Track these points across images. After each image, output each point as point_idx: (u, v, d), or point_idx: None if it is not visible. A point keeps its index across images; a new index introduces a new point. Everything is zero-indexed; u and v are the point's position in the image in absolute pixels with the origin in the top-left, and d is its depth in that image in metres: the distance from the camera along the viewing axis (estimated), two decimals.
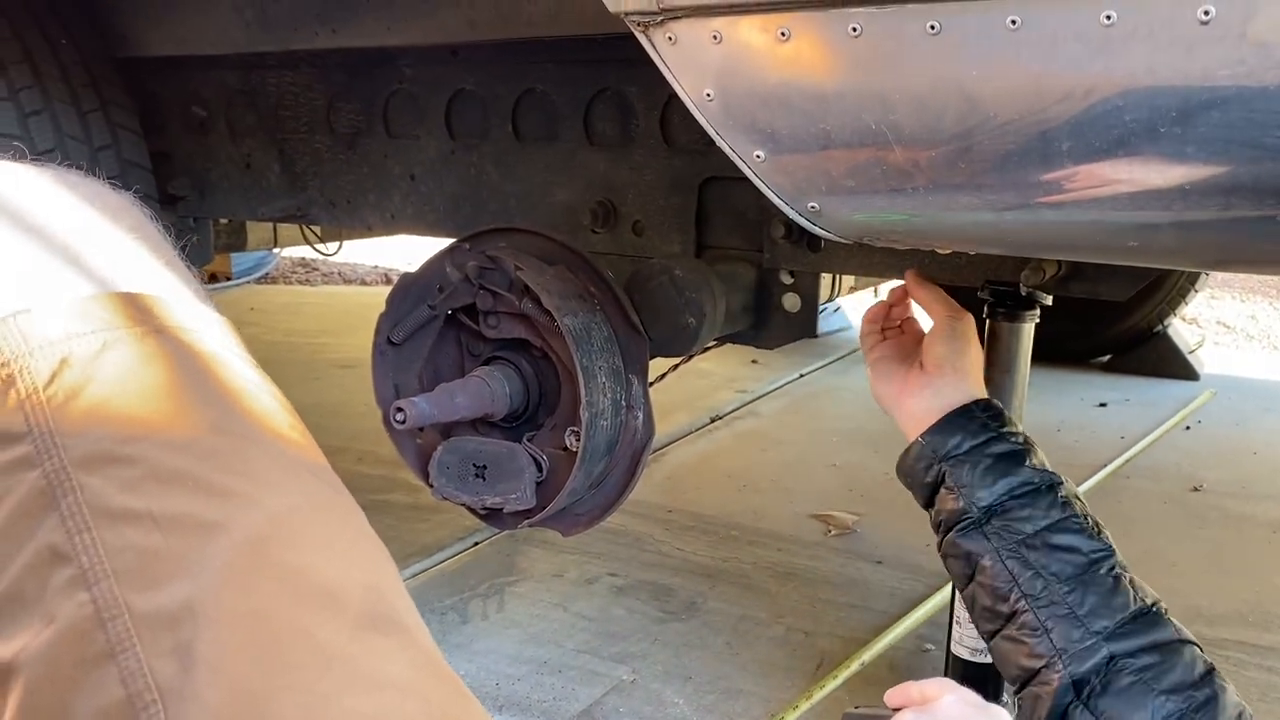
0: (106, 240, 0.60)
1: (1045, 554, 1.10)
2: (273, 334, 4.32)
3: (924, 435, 1.19)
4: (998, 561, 1.11)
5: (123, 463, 0.51)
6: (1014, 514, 1.13)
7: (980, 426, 1.17)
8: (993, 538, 1.13)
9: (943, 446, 1.17)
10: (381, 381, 1.48)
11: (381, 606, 0.53)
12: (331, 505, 0.57)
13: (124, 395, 0.53)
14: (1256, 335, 5.01)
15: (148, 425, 0.52)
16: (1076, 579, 1.09)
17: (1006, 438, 1.17)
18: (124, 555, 0.49)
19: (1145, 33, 0.71)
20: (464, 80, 1.72)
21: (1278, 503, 2.52)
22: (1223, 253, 0.81)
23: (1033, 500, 1.13)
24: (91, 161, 1.81)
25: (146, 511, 0.50)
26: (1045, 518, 1.12)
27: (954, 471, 1.16)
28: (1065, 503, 1.14)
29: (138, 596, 0.48)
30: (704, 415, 3.15)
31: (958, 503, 1.15)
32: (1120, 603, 1.08)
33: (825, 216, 0.95)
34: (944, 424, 1.18)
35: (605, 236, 1.63)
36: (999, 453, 1.16)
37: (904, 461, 1.23)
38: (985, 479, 1.14)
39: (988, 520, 1.13)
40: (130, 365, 0.54)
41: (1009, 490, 1.14)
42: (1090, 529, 1.13)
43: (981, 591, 1.15)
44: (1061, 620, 1.08)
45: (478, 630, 1.82)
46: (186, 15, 1.80)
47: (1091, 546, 1.12)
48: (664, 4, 0.86)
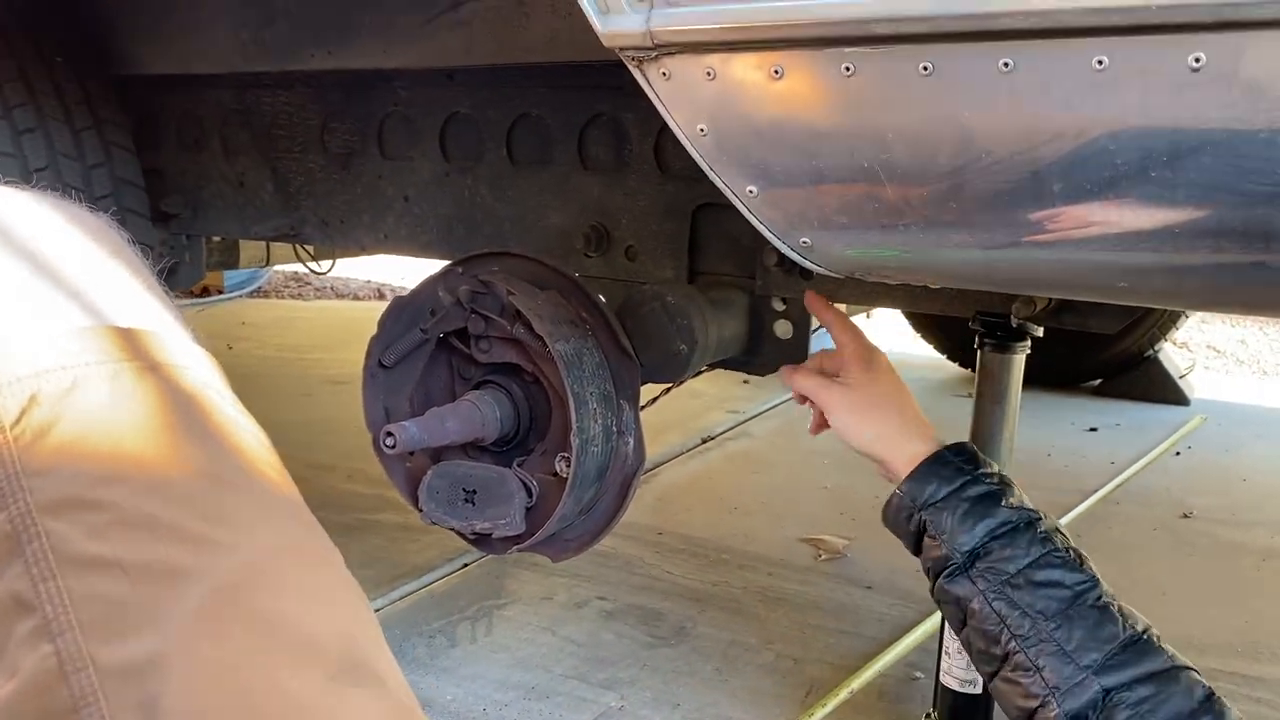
0: (88, 268, 0.57)
1: (1030, 592, 1.11)
2: (264, 349, 4.31)
3: (900, 486, 1.21)
4: (985, 604, 1.12)
5: (91, 507, 0.49)
6: (996, 555, 1.14)
7: (955, 471, 1.19)
8: (978, 580, 1.14)
9: (920, 495, 1.19)
10: (372, 404, 1.48)
11: (357, 655, 0.51)
12: (308, 549, 0.55)
13: (94, 435, 0.51)
14: (1246, 360, 5.03)
15: (119, 467, 0.51)
16: (1062, 614, 1.10)
17: (981, 479, 1.19)
18: (90, 605, 0.47)
19: (1136, 78, 0.71)
20: (459, 103, 1.72)
21: (1267, 530, 2.52)
22: (1214, 295, 0.81)
23: (1013, 539, 1.14)
24: (85, 179, 1.81)
25: (115, 559, 0.48)
26: (1027, 555, 1.13)
27: (934, 519, 1.18)
28: (1045, 538, 1.15)
29: (103, 648, 0.46)
30: (696, 436, 3.14)
31: (941, 550, 1.17)
32: (1108, 633, 1.09)
33: (817, 251, 0.95)
34: (919, 472, 1.20)
35: (598, 261, 1.63)
36: (975, 495, 1.17)
37: (886, 514, 1.25)
38: (964, 523, 1.16)
39: (972, 564, 1.15)
40: (102, 403, 0.52)
41: (989, 532, 1.15)
42: (1072, 561, 1.14)
43: (975, 635, 1.16)
44: (1051, 657, 1.08)
45: (466, 654, 1.81)
46: (183, 35, 1.80)
47: (1075, 579, 1.12)
48: (658, 40, 0.86)
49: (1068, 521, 2.53)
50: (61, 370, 0.52)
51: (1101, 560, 2.32)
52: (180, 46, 1.83)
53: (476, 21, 1.49)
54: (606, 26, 0.88)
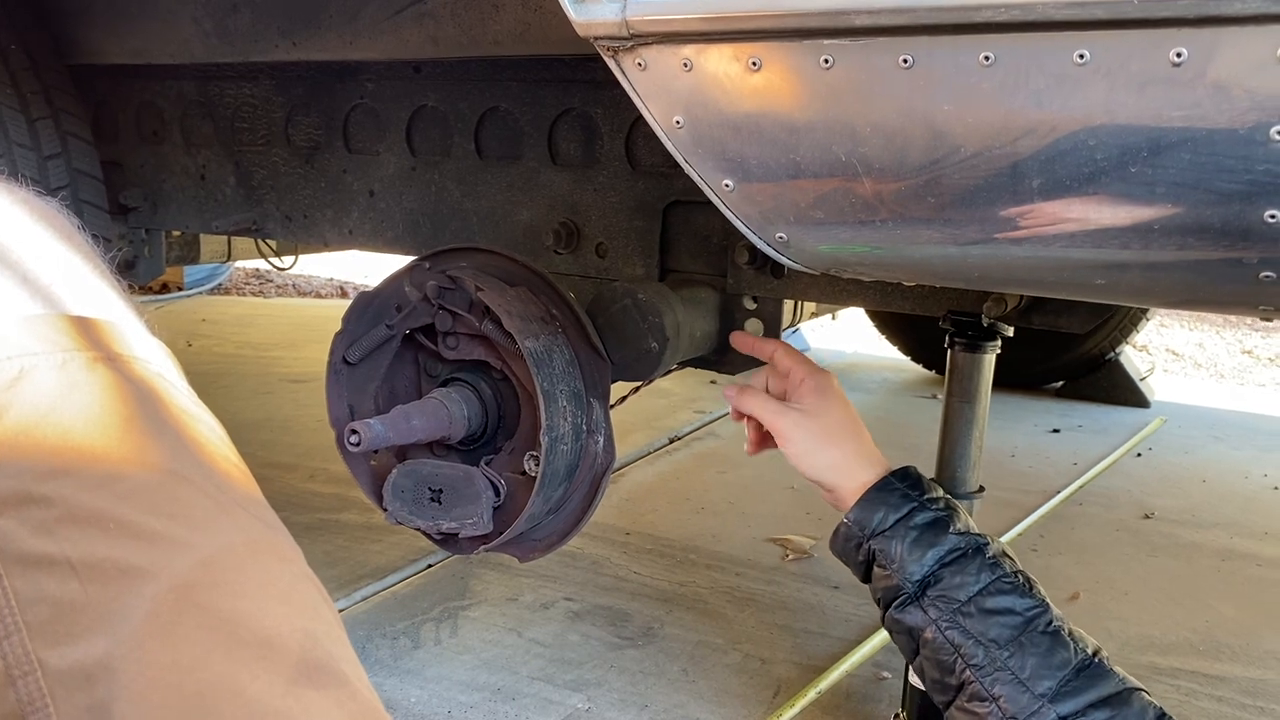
0: (33, 255, 0.55)
1: (982, 620, 1.11)
2: (224, 346, 4.25)
3: (848, 515, 1.20)
4: (938, 634, 1.12)
5: (38, 503, 0.47)
6: (947, 583, 1.14)
7: (901, 498, 1.18)
8: (930, 610, 1.14)
9: (869, 523, 1.18)
10: (336, 402, 1.45)
11: (319, 655, 0.49)
12: (268, 545, 0.53)
13: (42, 427, 0.48)
14: (1204, 363, 5.10)
15: (67, 461, 0.48)
16: (1015, 641, 1.10)
17: (928, 506, 1.18)
18: (37, 607, 0.45)
19: (1117, 73, 0.71)
20: (426, 97, 1.70)
21: (1226, 531, 2.55)
22: (1191, 293, 0.81)
23: (963, 566, 1.14)
24: (40, 170, 1.76)
25: (63, 557, 0.46)
26: (977, 582, 1.13)
27: (883, 548, 1.17)
28: (994, 563, 1.15)
29: (51, 652, 0.44)
30: (663, 436, 3.13)
31: (892, 579, 1.17)
32: (1060, 659, 1.09)
33: (793, 247, 0.94)
34: (865, 500, 1.19)
35: (568, 258, 1.61)
36: (923, 523, 1.17)
37: (834, 543, 1.25)
38: (914, 552, 1.15)
39: (923, 593, 1.15)
40: (50, 394, 0.49)
41: (938, 560, 1.15)
42: (1022, 586, 1.14)
43: (929, 664, 1.16)
44: (1007, 686, 1.08)
45: (430, 656, 1.78)
46: (144, 24, 1.76)
47: (1025, 605, 1.13)
48: (634, 29, 0.85)
49: (1032, 522, 2.55)
50: (7, 360, 0.49)
51: (1065, 561, 2.34)
52: (140, 35, 1.78)
53: (444, 13, 1.47)
54: (581, 15, 0.87)
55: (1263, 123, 0.69)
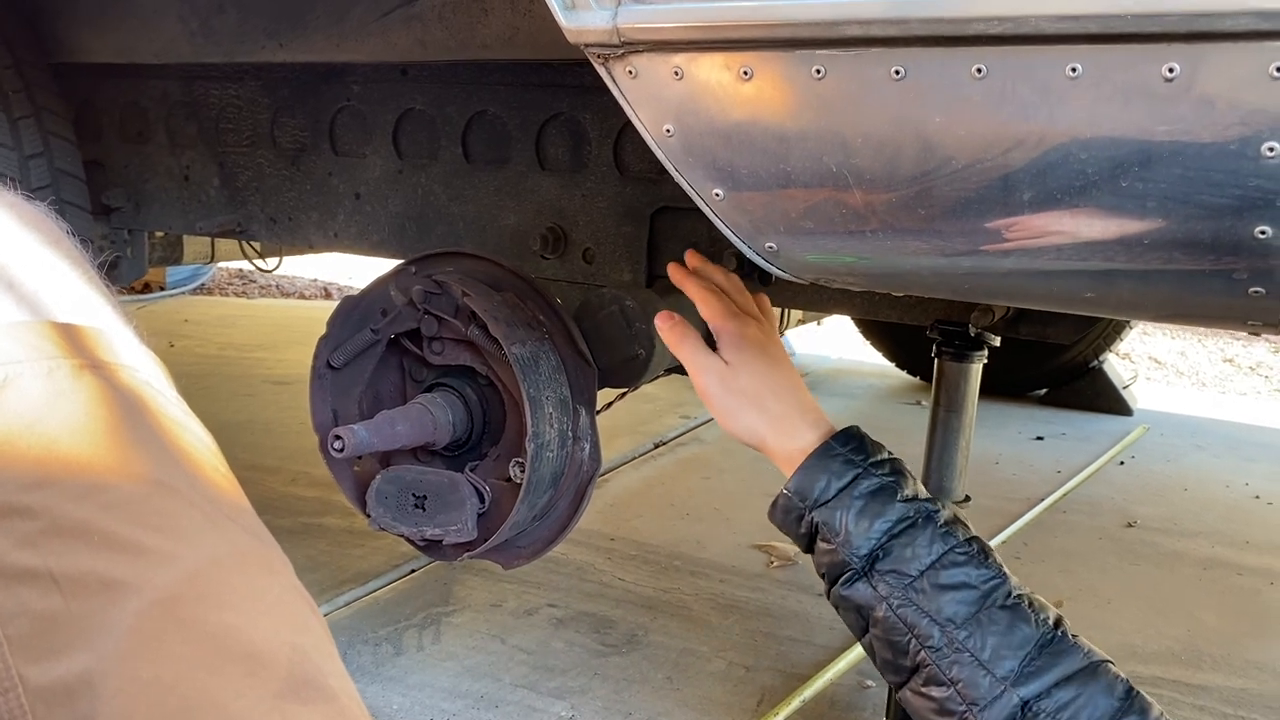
0: (19, 261, 0.54)
1: (936, 596, 1.03)
2: (206, 347, 4.22)
3: (788, 485, 1.11)
4: (890, 612, 1.04)
5: (21, 514, 0.46)
6: (896, 555, 1.05)
7: (844, 464, 1.08)
8: (879, 585, 1.05)
9: (810, 493, 1.09)
10: (319, 407, 1.44)
11: (307, 670, 0.48)
12: (256, 558, 0.52)
13: (26, 437, 0.47)
14: (1186, 372, 5.13)
15: (52, 471, 0.47)
16: (973, 618, 1.02)
17: (873, 472, 1.08)
18: (18, 620, 0.44)
19: (1109, 87, 0.71)
20: (414, 100, 1.69)
21: (1208, 539, 2.56)
22: (1180, 307, 0.81)
23: (912, 536, 1.05)
24: (22, 169, 1.74)
25: (46, 570, 0.45)
26: (929, 554, 1.04)
27: (826, 520, 1.08)
28: (946, 532, 1.06)
29: (32, 667, 0.43)
30: (648, 441, 3.13)
31: (836, 554, 1.08)
32: (1022, 636, 1.02)
33: (783, 257, 0.93)
34: (806, 467, 1.09)
35: (555, 263, 1.61)
36: (869, 490, 1.07)
37: (773, 514, 1.14)
38: (859, 523, 1.06)
39: (871, 567, 1.06)
40: (35, 402, 0.48)
41: (886, 531, 1.06)
42: (976, 555, 1.06)
43: (880, 644, 1.08)
44: (966, 668, 1.01)
45: (412, 662, 1.77)
46: (129, 23, 1.75)
47: (981, 576, 1.04)
48: (625, 37, 0.84)
49: (1015, 530, 2.56)
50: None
51: (1048, 569, 2.34)
52: (125, 34, 1.77)
53: (432, 16, 1.46)
54: (572, 22, 0.86)
55: (1254, 138, 0.69)
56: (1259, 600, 2.23)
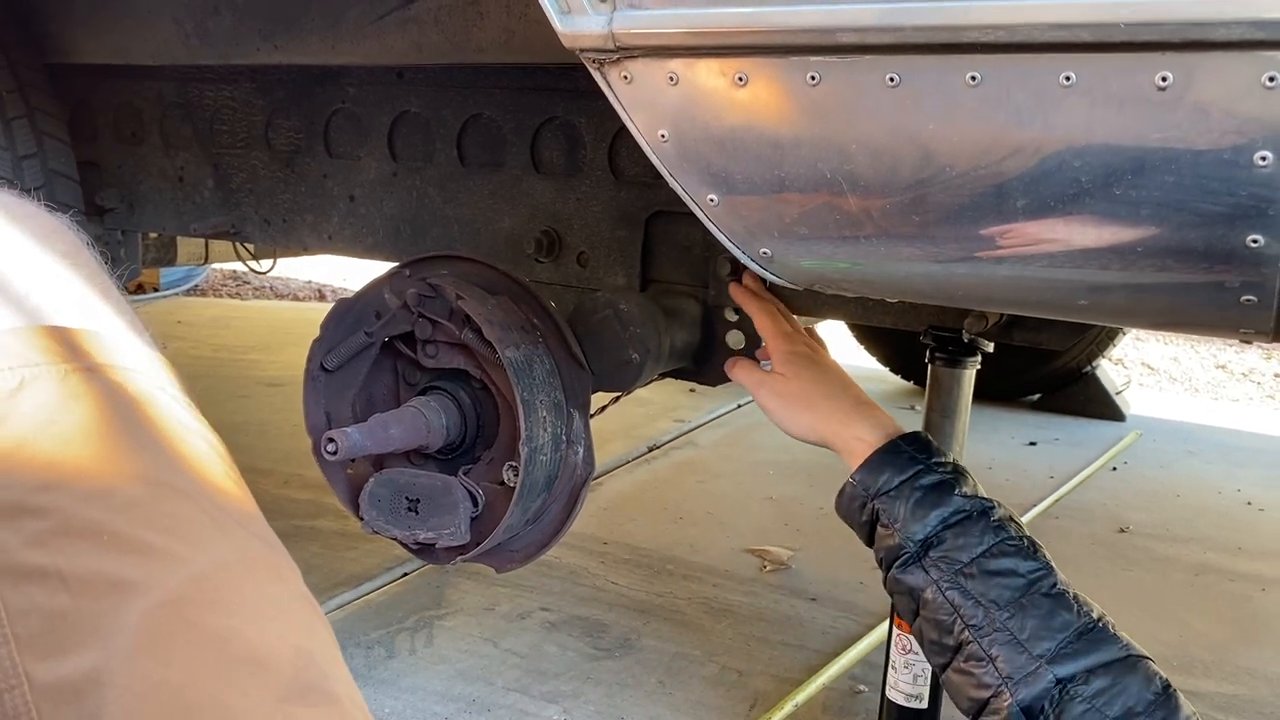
0: (35, 268, 0.55)
1: (983, 581, 1.09)
2: (200, 349, 4.21)
3: (854, 475, 1.19)
4: (938, 594, 1.10)
5: (32, 514, 0.46)
6: (949, 544, 1.11)
7: (908, 460, 1.17)
8: (931, 570, 1.12)
9: (873, 484, 1.17)
10: (313, 409, 1.43)
11: (311, 674, 0.49)
12: (263, 562, 0.53)
13: (40, 439, 0.48)
14: (1179, 378, 5.14)
15: (64, 473, 0.48)
16: (1015, 603, 1.07)
17: (935, 469, 1.17)
18: (27, 619, 0.45)
19: (1103, 95, 0.71)
20: (409, 102, 1.69)
21: (1200, 545, 2.57)
22: (1172, 315, 0.81)
23: (966, 528, 1.12)
24: (16, 170, 1.74)
25: (55, 569, 0.46)
26: (980, 544, 1.10)
27: (887, 508, 1.15)
28: (999, 526, 1.13)
29: (39, 665, 0.44)
30: (641, 445, 3.13)
31: (894, 539, 1.15)
32: (1061, 621, 1.06)
33: (777, 262, 0.93)
34: (872, 462, 1.18)
35: (549, 267, 1.61)
36: (928, 484, 1.15)
37: (839, 503, 1.23)
38: (917, 512, 1.13)
39: (925, 553, 1.12)
40: (50, 406, 0.49)
41: (942, 521, 1.13)
42: (1026, 549, 1.12)
43: (928, 625, 1.13)
44: (1005, 647, 1.05)
45: (405, 666, 1.77)
46: (124, 25, 1.75)
47: (1029, 567, 1.10)
48: (620, 42, 0.84)
49: None
50: (8, 370, 0.49)
51: None
52: (119, 35, 1.77)
53: (428, 20, 1.46)
54: (567, 27, 0.86)
55: (1246, 147, 0.69)
56: (1250, 606, 2.24)
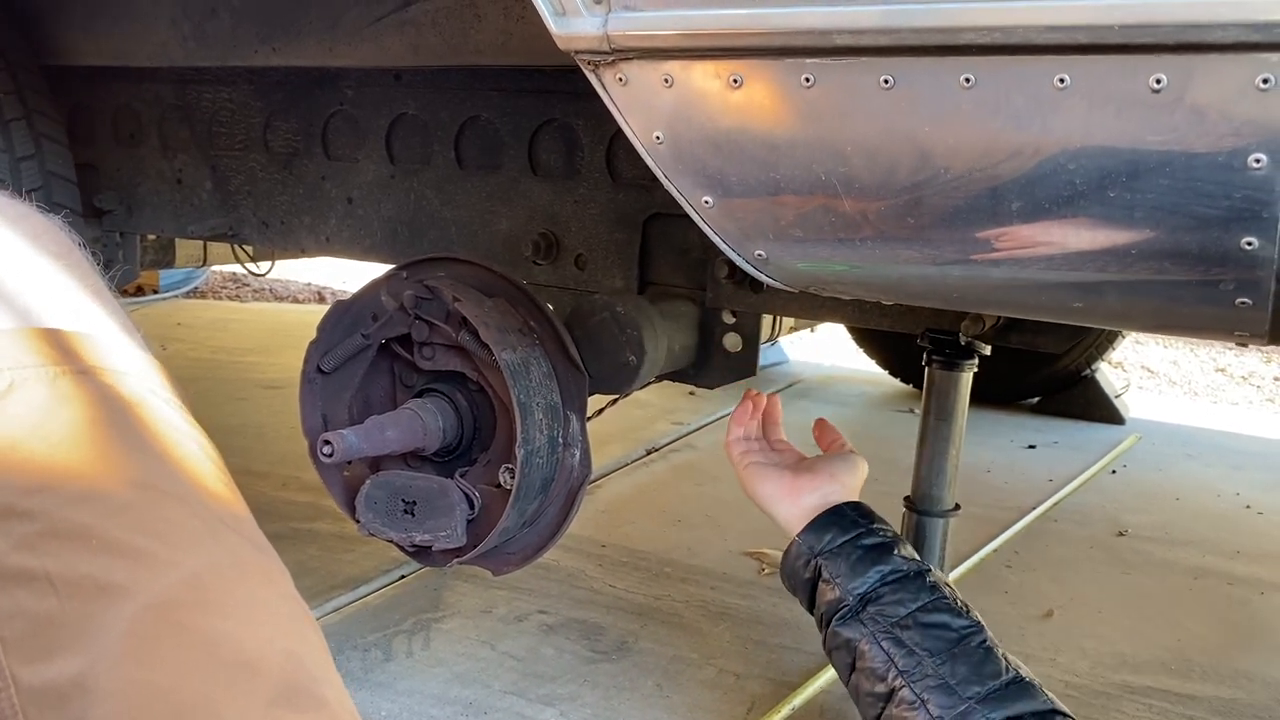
0: (27, 269, 0.55)
1: (918, 632, 1.16)
2: (199, 351, 4.21)
3: (800, 535, 1.28)
4: (874, 645, 1.17)
5: (21, 517, 0.46)
6: (887, 599, 1.19)
7: (850, 523, 1.26)
8: (868, 623, 1.19)
9: (818, 543, 1.26)
10: (309, 411, 1.44)
11: (301, 678, 0.49)
12: (253, 565, 0.53)
13: (29, 441, 0.48)
14: (1178, 381, 5.14)
15: (52, 476, 0.48)
16: (948, 652, 1.15)
17: (876, 532, 1.25)
18: (14, 622, 0.44)
19: (1097, 97, 0.71)
20: (406, 105, 1.69)
21: (1199, 549, 2.56)
22: (1167, 318, 0.81)
23: (903, 585, 1.20)
24: (13, 172, 1.74)
25: (43, 572, 0.45)
26: (915, 600, 1.18)
27: (829, 565, 1.24)
28: (934, 586, 1.21)
29: (26, 668, 0.44)
30: (640, 447, 3.12)
31: (835, 593, 1.23)
32: (991, 670, 1.13)
33: (772, 264, 0.93)
34: (817, 523, 1.27)
35: (547, 269, 1.61)
36: (869, 544, 1.24)
37: (784, 564, 1.31)
38: (858, 568, 1.22)
39: (863, 607, 1.20)
40: (40, 408, 0.49)
41: (881, 578, 1.21)
42: (960, 609, 1.20)
43: (862, 677, 1.19)
44: (935, 691, 1.12)
45: (402, 669, 1.77)
46: (122, 27, 1.75)
47: (961, 623, 1.17)
48: (615, 44, 0.84)
49: (1007, 538, 2.56)
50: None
51: (1039, 578, 2.34)
52: (117, 37, 1.77)
53: (426, 22, 1.46)
54: (562, 29, 0.86)
55: (1240, 149, 0.69)
56: (1249, 610, 2.23)
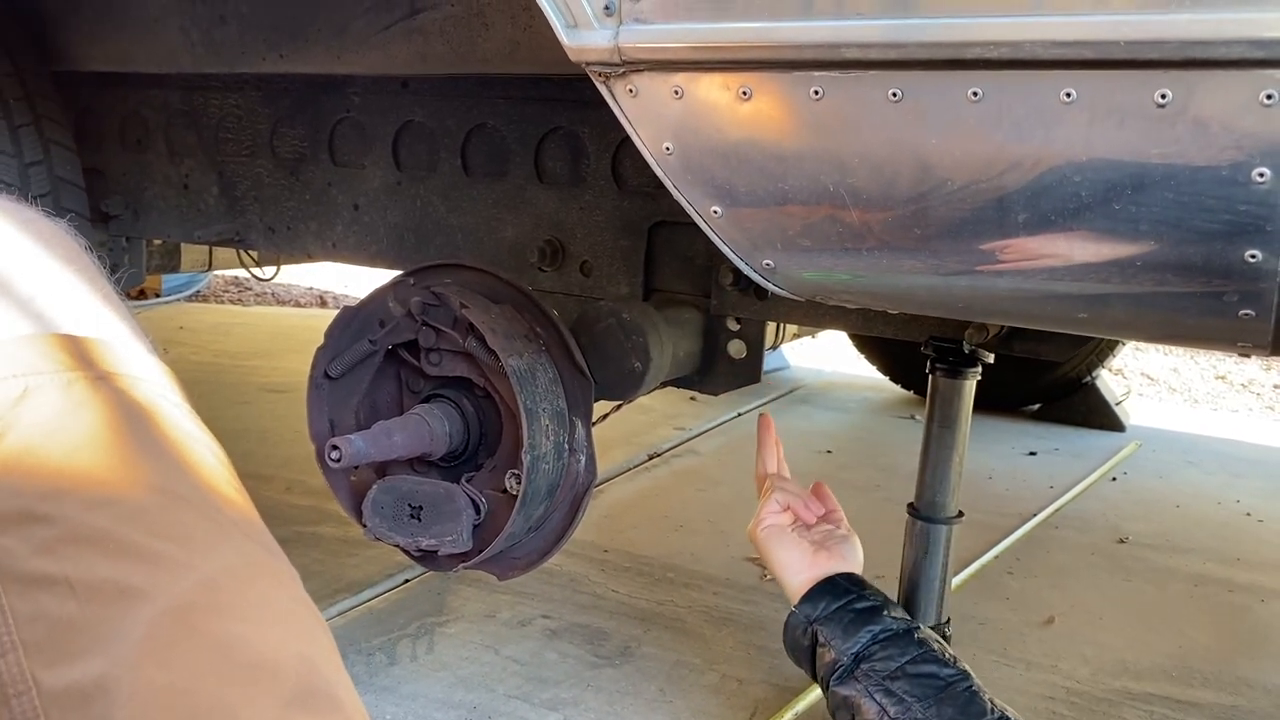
0: (39, 274, 0.55)
1: (907, 682, 1.27)
2: (201, 355, 4.22)
3: (796, 606, 1.39)
4: (869, 698, 1.28)
5: (40, 521, 0.47)
6: (878, 656, 1.30)
7: (843, 590, 1.37)
8: (862, 680, 1.30)
9: (813, 611, 1.37)
10: (317, 417, 1.44)
11: (315, 680, 0.50)
12: (266, 570, 0.54)
13: (46, 447, 0.49)
14: (1178, 388, 5.15)
15: (70, 480, 0.48)
16: (935, 698, 1.25)
17: (866, 596, 1.37)
18: (35, 625, 0.45)
19: (1103, 111, 0.72)
20: (413, 112, 1.70)
21: (1199, 556, 2.57)
22: (1171, 329, 0.82)
23: (893, 642, 1.31)
24: (22, 177, 1.75)
25: (63, 576, 0.46)
26: (904, 654, 1.29)
27: (824, 629, 1.35)
28: (922, 641, 1.31)
29: (47, 671, 0.44)
30: (642, 453, 3.13)
31: (831, 654, 1.33)
32: (976, 711, 1.23)
33: (780, 274, 0.94)
34: (813, 593, 1.38)
35: (552, 275, 1.61)
36: (860, 608, 1.35)
37: (785, 635, 1.42)
38: (850, 630, 1.33)
39: (857, 665, 1.31)
40: (55, 413, 0.50)
41: (872, 637, 1.32)
42: (947, 659, 1.30)
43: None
44: None
45: (406, 672, 1.77)
46: (131, 33, 1.76)
47: (948, 672, 1.28)
48: (626, 56, 0.85)
49: (1008, 545, 2.56)
50: (12, 378, 0.50)
51: (1040, 584, 2.35)
52: (126, 44, 1.78)
53: (433, 30, 1.47)
54: (574, 41, 0.87)
55: (1244, 164, 0.70)
56: (1250, 617, 2.24)
